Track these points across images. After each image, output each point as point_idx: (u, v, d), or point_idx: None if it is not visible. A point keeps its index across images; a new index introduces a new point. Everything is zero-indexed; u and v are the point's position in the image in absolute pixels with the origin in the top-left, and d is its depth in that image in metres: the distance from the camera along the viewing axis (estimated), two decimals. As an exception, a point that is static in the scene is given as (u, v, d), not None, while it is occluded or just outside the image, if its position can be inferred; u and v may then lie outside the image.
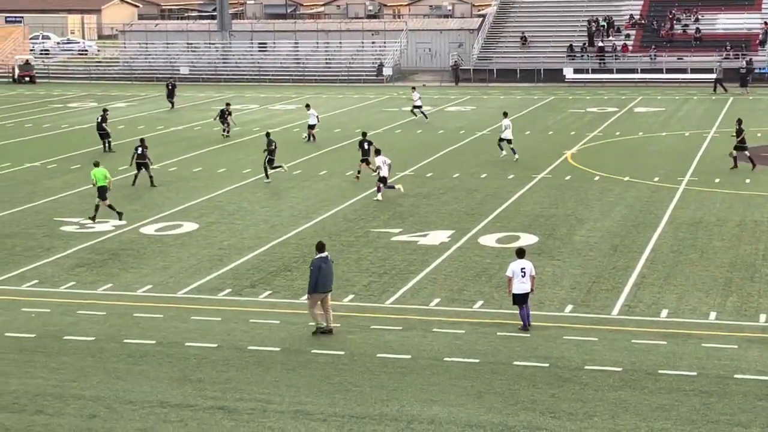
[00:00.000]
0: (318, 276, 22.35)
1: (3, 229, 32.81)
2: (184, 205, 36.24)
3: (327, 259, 22.67)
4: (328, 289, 22.65)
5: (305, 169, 43.34)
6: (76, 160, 45.46)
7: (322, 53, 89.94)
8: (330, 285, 22.75)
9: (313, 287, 22.44)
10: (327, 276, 22.53)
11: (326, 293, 22.65)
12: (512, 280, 22.73)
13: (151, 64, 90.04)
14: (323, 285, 22.51)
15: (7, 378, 20.23)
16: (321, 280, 22.43)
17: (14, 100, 72.43)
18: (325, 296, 22.65)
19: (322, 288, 22.51)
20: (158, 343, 22.21)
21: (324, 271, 22.43)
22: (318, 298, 22.59)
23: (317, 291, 22.48)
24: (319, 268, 22.41)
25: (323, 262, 22.54)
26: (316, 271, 22.36)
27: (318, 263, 22.48)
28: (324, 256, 22.61)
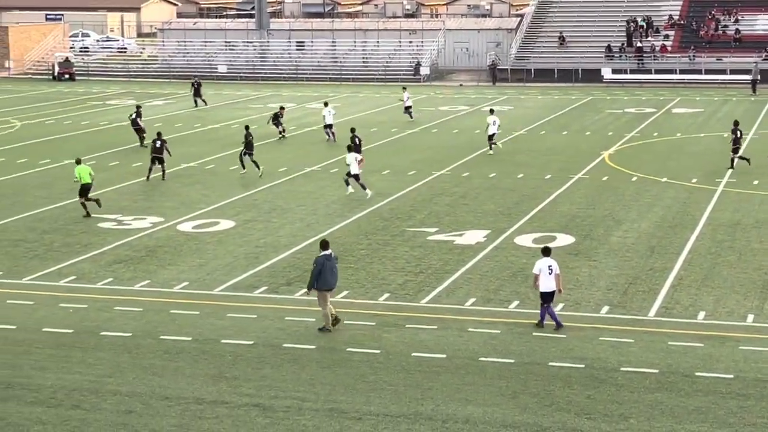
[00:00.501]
0: (320, 273, 22.47)
1: (42, 225, 33.07)
2: (221, 203, 36.39)
3: (331, 257, 22.85)
4: (330, 287, 22.79)
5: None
6: (114, 157, 45.75)
7: (360, 52, 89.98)
8: (334, 283, 22.91)
9: (312, 283, 22.59)
10: (329, 274, 22.67)
11: (330, 290, 22.78)
12: (539, 278, 22.75)
13: (189, 62, 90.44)
14: (327, 282, 22.66)
15: (45, 373, 20.39)
16: (324, 278, 22.57)
17: (54, 97, 72.98)
18: (328, 293, 22.85)
19: (326, 285, 22.66)
20: (194, 340, 22.31)
21: (327, 269, 22.56)
22: (325, 295, 22.77)
23: (320, 288, 22.61)
24: (322, 265, 22.57)
25: (327, 259, 22.72)
26: (319, 268, 22.52)
27: (322, 260, 22.66)
28: (328, 253, 22.81)
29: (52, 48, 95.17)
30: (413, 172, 42.08)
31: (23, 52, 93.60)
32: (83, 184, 34.26)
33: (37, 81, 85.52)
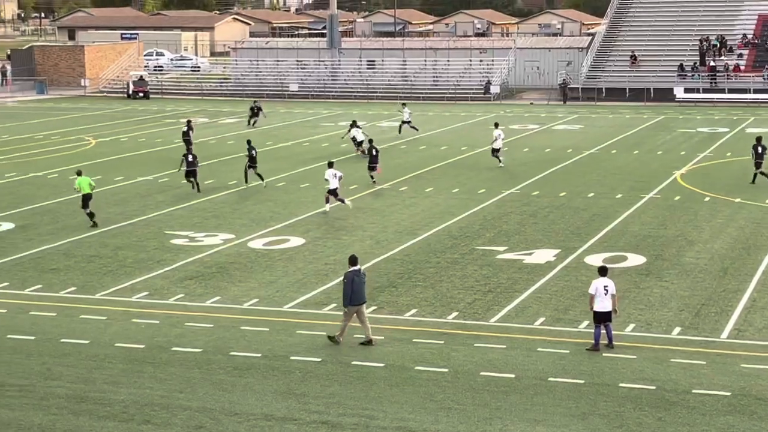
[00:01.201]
0: (351, 289, 22.70)
1: (116, 241, 33.54)
2: (292, 220, 36.62)
3: (359, 273, 23.13)
4: (361, 301, 23.04)
5: (411, 185, 43.46)
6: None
7: (430, 71, 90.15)
8: (363, 297, 23.16)
9: (346, 299, 22.87)
10: (360, 289, 22.92)
11: (360, 305, 23.00)
12: (594, 298, 22.58)
13: (261, 80, 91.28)
14: (357, 298, 22.91)
15: (117, 387, 20.65)
16: (354, 293, 22.80)
17: (128, 115, 74.06)
18: (360, 308, 23.03)
19: (356, 300, 22.91)
20: (264, 356, 22.45)
21: (356, 284, 22.84)
22: (353, 311, 22.98)
23: (351, 303, 22.82)
24: (351, 281, 22.83)
25: (356, 275, 22.97)
26: (350, 284, 22.79)
27: (351, 276, 22.90)
28: (357, 269, 23.09)
29: (127, 67, 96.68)
30: (483, 190, 42.02)
31: (99, 70, 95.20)
32: (84, 195, 35.43)
33: (112, 99, 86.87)
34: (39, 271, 29.82)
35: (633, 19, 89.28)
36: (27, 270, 29.89)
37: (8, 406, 19.68)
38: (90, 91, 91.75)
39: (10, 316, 25.45)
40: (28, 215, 37.48)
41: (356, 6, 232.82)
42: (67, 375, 21.33)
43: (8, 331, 24.14)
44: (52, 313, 25.72)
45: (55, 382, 20.95)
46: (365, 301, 23.34)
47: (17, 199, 40.49)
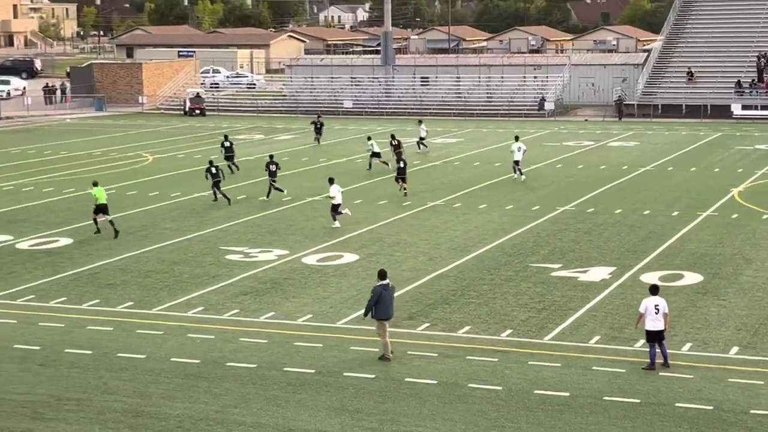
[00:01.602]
0: (378, 302, 22.84)
1: (172, 256, 33.83)
2: (345, 236, 36.72)
3: (388, 287, 23.21)
4: (389, 316, 23.18)
5: (465, 202, 43.40)
6: (242, 190, 46.55)
7: (484, 87, 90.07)
8: (391, 312, 23.26)
9: (367, 311, 23.10)
10: (387, 303, 23.05)
11: (387, 320, 23.15)
12: (644, 317, 22.40)
13: (315, 97, 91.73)
14: (384, 312, 23.03)
15: (172, 402, 20.81)
16: (382, 308, 22.95)
17: (185, 131, 74.71)
18: (386, 323, 23.19)
19: (383, 315, 23.05)
20: (317, 372, 22.51)
21: (384, 299, 22.95)
22: (383, 325, 23.16)
23: (378, 317, 22.98)
24: (379, 294, 22.93)
25: (384, 289, 23.07)
26: (375, 297, 22.91)
27: (379, 290, 23.02)
28: (385, 283, 23.18)
29: (184, 84, 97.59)
30: (537, 207, 41.87)
31: (156, 88, 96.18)
32: (99, 204, 36.90)
33: (169, 116, 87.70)
34: (96, 286, 30.15)
35: (689, 35, 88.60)
36: (85, 285, 30.23)
37: (66, 419, 19.91)
38: (147, 108, 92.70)
39: (68, 330, 25.76)
40: (85, 231, 37.91)
41: (410, 23, 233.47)
42: (123, 389, 21.54)
43: (66, 346, 24.43)
44: (109, 327, 25.99)
45: (111, 396, 21.16)
46: (392, 316, 23.38)
47: (75, 215, 40.99)
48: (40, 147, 64.12)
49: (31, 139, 69.08)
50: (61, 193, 46.31)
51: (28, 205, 43.47)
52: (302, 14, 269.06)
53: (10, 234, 37.34)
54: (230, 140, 53.96)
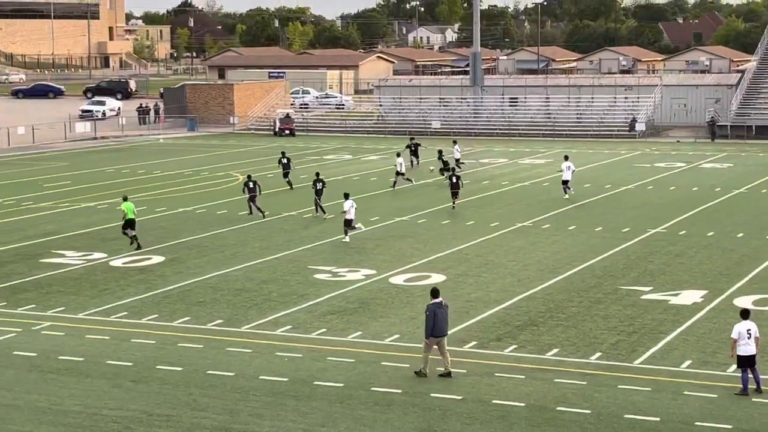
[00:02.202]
0: (433, 321, 23.13)
1: (261, 275, 34.13)
2: (433, 257, 36.70)
3: (442, 305, 23.49)
4: (443, 333, 23.42)
5: (554, 223, 43.11)
6: (330, 210, 46.81)
7: (574, 108, 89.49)
8: (445, 330, 23.52)
9: (427, 332, 23.35)
10: (442, 321, 23.32)
11: (441, 338, 23.40)
12: (737, 342, 21.98)
13: (404, 117, 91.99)
14: (439, 330, 23.31)
15: (261, 420, 20.96)
16: (436, 325, 23.22)
17: (275, 152, 75.28)
18: (441, 340, 23.44)
19: (438, 332, 23.32)
20: (404, 393, 22.50)
21: (439, 317, 23.24)
22: (434, 342, 23.39)
23: (433, 335, 23.28)
24: (434, 313, 23.25)
25: (438, 307, 23.37)
26: (432, 317, 23.20)
27: (433, 309, 23.33)
28: (438, 301, 23.46)
29: (274, 104, 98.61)
30: (627, 229, 41.42)
31: (247, 108, 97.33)
32: (127, 219, 38.27)
33: (258, 136, 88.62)
34: (187, 303, 30.54)
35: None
36: (175, 302, 30.65)
37: (156, 435, 20.17)
38: (238, 128, 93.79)
39: (159, 347, 26.12)
40: (177, 249, 38.47)
41: (499, 43, 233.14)
42: (212, 406, 21.76)
43: (157, 362, 24.77)
44: (199, 345, 26.29)
45: (201, 412, 21.39)
46: (446, 333, 23.63)
47: (166, 233, 41.60)
48: (134, 166, 65.26)
49: (125, 158, 70.36)
50: (154, 212, 47.04)
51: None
52: (391, 35, 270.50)
53: (104, 252, 38.03)
54: (287, 157, 56.08)
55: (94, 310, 29.83)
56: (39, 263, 36.09)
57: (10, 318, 28.94)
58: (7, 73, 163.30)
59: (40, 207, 48.84)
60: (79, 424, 20.75)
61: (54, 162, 68.80)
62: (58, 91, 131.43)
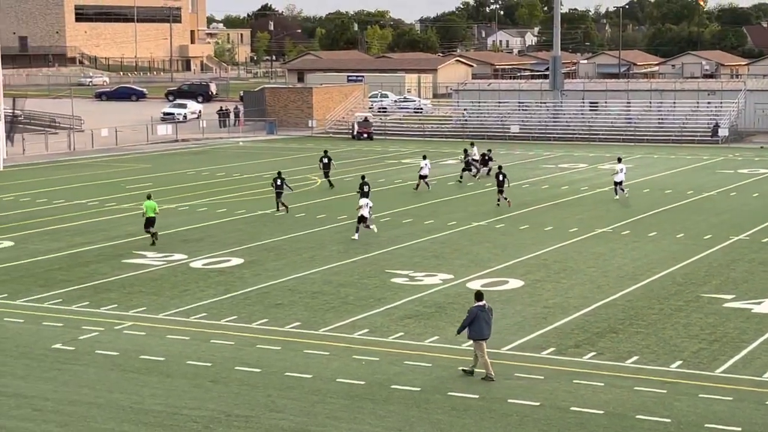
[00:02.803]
0: (473, 323, 23.47)
1: (338, 278, 34.27)
2: (511, 262, 36.54)
3: (484, 308, 23.74)
4: (485, 336, 23.66)
5: (634, 229, 42.68)
6: (407, 215, 46.90)
7: (655, 113, 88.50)
8: (487, 333, 23.72)
9: (460, 329, 23.85)
10: (483, 324, 23.56)
11: (483, 340, 23.61)
12: None
13: (482, 122, 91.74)
14: (479, 332, 23.56)
15: (338, 422, 21.04)
16: (476, 328, 23.51)
17: (353, 155, 75.71)
18: (481, 344, 23.66)
19: (477, 335, 23.59)
20: (481, 398, 22.43)
21: (480, 319, 23.51)
22: (479, 346, 23.64)
23: (474, 338, 23.57)
24: (476, 315, 23.52)
25: (480, 310, 23.64)
26: (471, 318, 23.56)
27: (475, 311, 23.63)
28: (481, 304, 23.73)
29: (353, 108, 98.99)
30: (709, 236, 40.86)
31: (325, 111, 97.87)
32: (147, 217, 39.75)
33: (337, 139, 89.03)
34: (265, 305, 30.78)
35: None
36: (254, 304, 30.90)
37: (234, 435, 20.36)
38: (317, 131, 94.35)
39: (238, 348, 26.36)
40: (255, 251, 38.80)
41: (580, 47, 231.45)
42: (290, 408, 21.90)
43: (236, 363, 25.00)
44: (277, 347, 26.48)
45: (279, 414, 21.55)
46: (487, 337, 23.79)
47: (245, 236, 41.97)
48: (214, 169, 65.98)
49: (206, 161, 71.16)
50: (233, 214, 47.50)
51: (202, 225, 44.76)
52: (470, 39, 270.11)
53: (184, 253, 38.49)
54: (329, 156, 57.78)
55: (175, 310, 30.20)
56: (121, 263, 36.65)
57: (93, 317, 29.43)
58: (91, 76, 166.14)
59: (122, 208, 49.61)
60: (160, 423, 21.02)
61: (136, 164, 69.84)
62: (140, 93, 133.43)
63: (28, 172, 65.39)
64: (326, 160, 57.41)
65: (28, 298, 31.69)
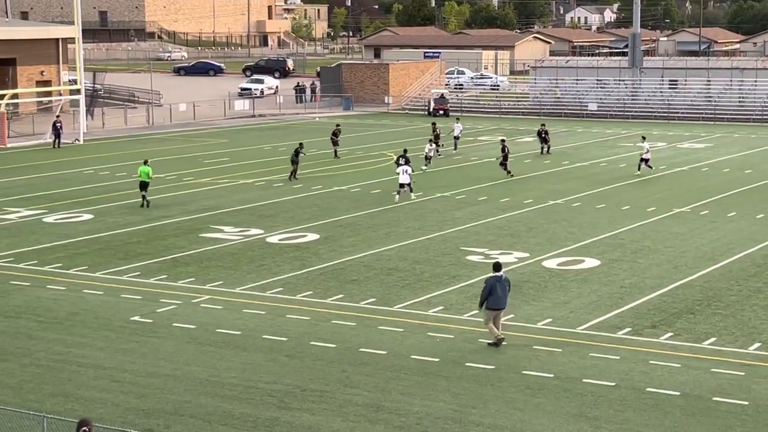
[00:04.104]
0: (491, 293, 24.03)
1: (413, 255, 34.30)
2: (587, 241, 36.28)
3: (501, 279, 24.28)
4: (500, 306, 24.29)
5: (712, 209, 42.11)
6: (483, 192, 46.75)
7: (736, 92, 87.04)
8: (503, 303, 24.32)
9: (481, 302, 24.31)
10: (500, 294, 24.10)
11: (499, 310, 24.34)
12: None
13: (560, 99, 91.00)
14: (495, 302, 24.14)
15: (412, 399, 21.12)
16: (493, 298, 24.08)
17: (428, 132, 75.43)
18: (498, 313, 24.39)
19: (494, 305, 24.17)
20: (556, 377, 22.35)
21: (497, 290, 24.03)
22: (492, 314, 24.30)
23: (489, 308, 24.15)
24: (492, 286, 24.11)
25: (497, 281, 24.21)
26: (488, 289, 24.12)
27: (492, 282, 24.22)
28: (498, 275, 24.29)
29: (429, 85, 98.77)
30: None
31: (401, 88, 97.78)
32: (141, 181, 42.80)
33: (413, 116, 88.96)
34: (341, 281, 30.93)
35: None
36: (329, 280, 31.07)
37: (310, 410, 20.52)
38: (392, 108, 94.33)
39: (314, 323, 26.54)
40: (331, 227, 38.98)
41: (659, 24, 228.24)
42: (364, 383, 22.02)
43: (311, 338, 25.19)
44: (352, 323, 26.61)
45: (353, 389, 21.67)
46: (504, 307, 24.44)
47: (321, 212, 42.18)
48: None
49: (282, 136, 71.58)
50: (309, 190, 47.74)
51: (278, 200, 45.06)
52: (548, 15, 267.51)
53: (261, 228, 38.81)
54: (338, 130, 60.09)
55: (251, 285, 30.48)
56: (198, 238, 37.07)
57: (171, 291, 29.83)
58: (169, 51, 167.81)
59: (199, 183, 50.14)
60: (236, 397, 21.27)
61: (213, 139, 70.50)
62: (218, 68, 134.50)
63: (108, 145, 66.35)
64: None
65: (108, 271, 32.21)
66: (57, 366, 23.18)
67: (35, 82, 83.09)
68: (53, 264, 33.07)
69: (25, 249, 35.31)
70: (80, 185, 49.44)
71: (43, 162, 57.99)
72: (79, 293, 29.54)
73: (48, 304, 28.41)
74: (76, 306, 28.17)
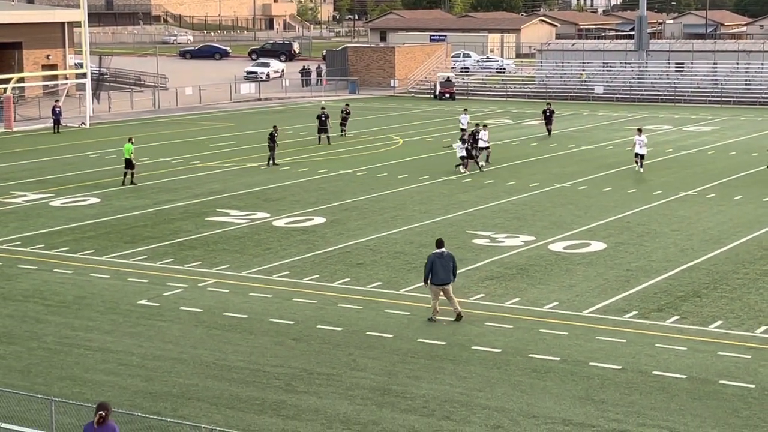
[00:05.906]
0: (432, 270, 24.62)
1: (420, 239, 34.26)
2: (593, 224, 36.27)
3: (443, 255, 24.82)
4: (443, 281, 24.76)
5: (719, 192, 42.07)
6: (489, 175, 46.72)
7: (742, 74, 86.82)
8: (446, 278, 24.79)
9: (425, 278, 24.93)
10: (440, 270, 24.66)
11: (443, 285, 24.78)
12: None
13: (565, 82, 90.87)
14: (439, 278, 24.70)
15: (418, 382, 21.17)
16: (436, 274, 24.66)
17: (434, 115, 75.56)
18: (445, 288, 24.83)
19: (438, 281, 24.73)
20: (562, 360, 22.38)
21: (437, 266, 24.63)
22: (436, 290, 24.84)
23: (433, 283, 24.72)
24: (432, 262, 24.72)
25: (438, 257, 24.77)
26: (429, 265, 24.74)
27: (432, 258, 24.84)
28: (440, 252, 24.87)
29: (435, 68, 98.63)
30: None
31: (407, 71, 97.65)
32: (125, 159, 44.27)
33: (419, 99, 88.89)
34: (347, 265, 30.96)
35: None
36: (336, 263, 31.10)
37: (317, 393, 20.58)
38: (398, 91, 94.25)
39: (320, 306, 26.59)
40: (337, 210, 38.99)
41: (666, 7, 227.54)
42: (371, 367, 22.06)
43: (318, 322, 25.23)
44: (359, 306, 26.65)
45: (360, 373, 21.72)
46: (449, 281, 24.82)
47: (327, 195, 42.20)
48: (296, 128, 66.31)
49: (288, 119, 71.53)
50: (316, 174, 47.75)
51: (284, 184, 45.07)
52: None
53: (267, 211, 38.83)
54: (326, 114, 58.66)
55: (258, 268, 30.52)
56: (205, 221, 37.11)
57: (178, 274, 29.88)
58: (175, 34, 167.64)
59: (206, 166, 50.16)
60: (243, 380, 21.32)
61: (220, 122, 70.50)
62: (224, 52, 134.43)
63: (114, 129, 66.36)
64: (323, 117, 58.09)
65: (114, 254, 32.27)
66: (64, 349, 23.26)
67: (41, 66, 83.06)
68: (60, 248, 33.15)
69: (32, 233, 35.39)
70: (87, 169, 49.50)
71: (49, 146, 58.05)
72: (86, 277, 29.61)
73: (55, 287, 28.48)
74: (83, 290, 28.24)
